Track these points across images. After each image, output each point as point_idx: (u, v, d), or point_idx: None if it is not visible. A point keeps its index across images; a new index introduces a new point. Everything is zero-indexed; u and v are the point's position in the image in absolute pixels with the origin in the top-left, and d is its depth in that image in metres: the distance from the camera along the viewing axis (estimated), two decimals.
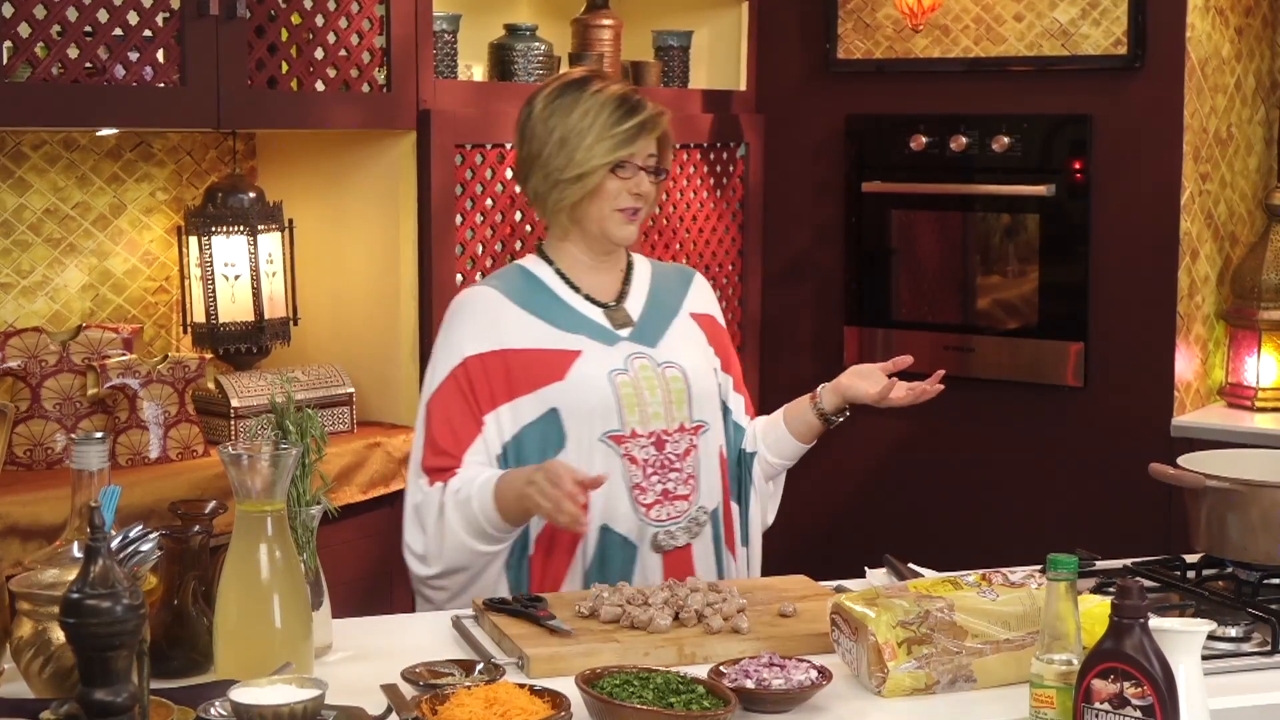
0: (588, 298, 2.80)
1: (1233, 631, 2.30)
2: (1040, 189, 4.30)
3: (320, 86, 3.53)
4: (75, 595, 1.54)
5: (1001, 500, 4.41)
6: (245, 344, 3.66)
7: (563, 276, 2.80)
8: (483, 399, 2.69)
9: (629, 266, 2.88)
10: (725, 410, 2.90)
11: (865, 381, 2.90)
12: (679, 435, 2.75)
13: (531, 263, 2.84)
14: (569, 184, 2.72)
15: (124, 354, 3.41)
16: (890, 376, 2.88)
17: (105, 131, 3.54)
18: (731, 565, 2.86)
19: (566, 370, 2.69)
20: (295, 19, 3.49)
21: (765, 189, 4.74)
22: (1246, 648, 2.28)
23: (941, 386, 2.90)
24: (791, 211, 4.72)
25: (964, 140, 4.40)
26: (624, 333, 2.78)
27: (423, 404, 2.73)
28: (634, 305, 2.83)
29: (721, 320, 2.99)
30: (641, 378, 2.74)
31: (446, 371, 2.70)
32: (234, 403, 3.50)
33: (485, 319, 2.72)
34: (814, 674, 2.07)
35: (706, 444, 2.80)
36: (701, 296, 2.95)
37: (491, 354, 2.70)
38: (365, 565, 3.63)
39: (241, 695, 1.86)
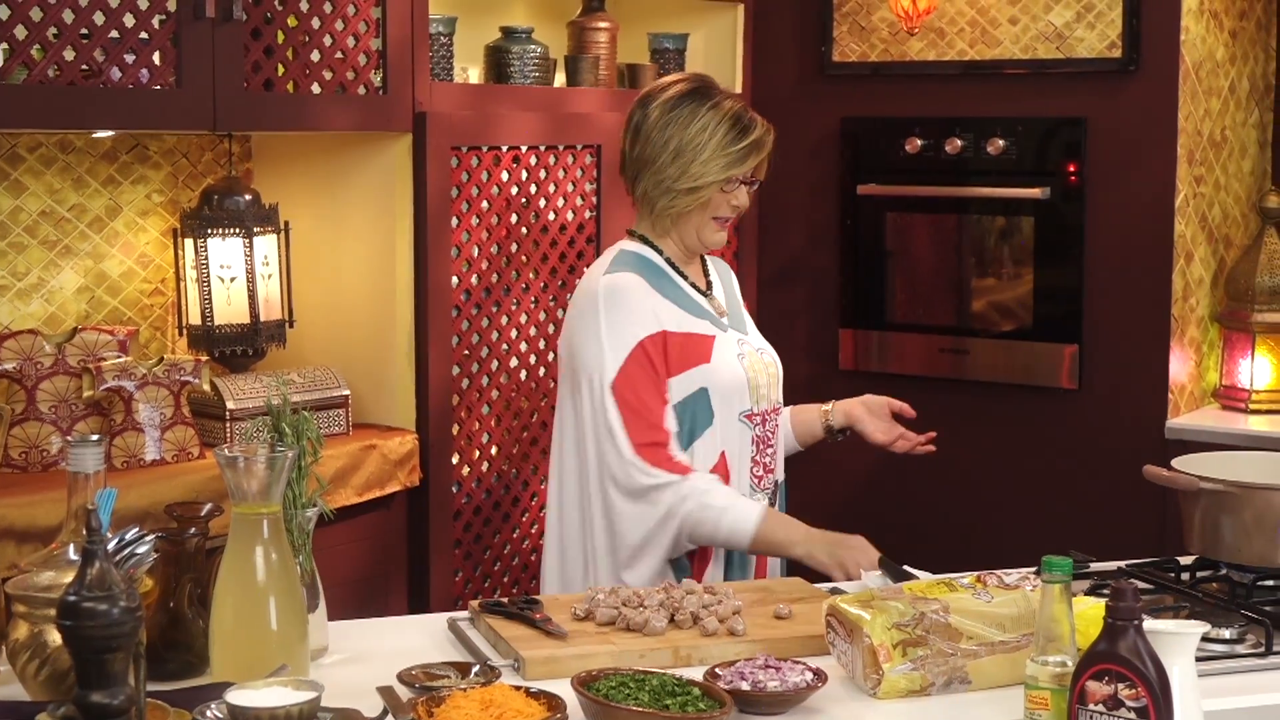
0: (694, 285, 2.98)
1: (1227, 633, 2.31)
2: (1035, 192, 4.31)
3: (316, 89, 3.54)
4: (72, 598, 1.54)
5: (996, 502, 4.42)
6: (241, 346, 3.66)
7: (670, 263, 2.96)
8: (662, 377, 2.84)
9: (702, 257, 3.06)
10: None
11: (875, 421, 3.20)
12: (772, 415, 2.99)
13: (640, 248, 2.96)
14: (681, 194, 2.89)
15: (120, 356, 3.41)
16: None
17: (101, 134, 3.55)
18: (751, 567, 3.00)
19: (710, 353, 2.88)
20: (291, 21, 3.49)
21: (760, 192, 4.73)
22: (1240, 649, 2.28)
23: (933, 449, 3.23)
24: (787, 213, 4.73)
25: (959, 143, 4.41)
26: (725, 320, 2.99)
27: (606, 389, 2.82)
28: (718, 294, 3.04)
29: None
30: (752, 362, 2.96)
31: (626, 353, 2.82)
32: (229, 405, 3.51)
33: (643, 303, 2.85)
34: (809, 676, 2.07)
35: (777, 425, 3.03)
36: (740, 285, 3.18)
37: (657, 335, 2.84)
38: (361, 568, 3.63)
39: (238, 697, 1.87)
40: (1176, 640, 1.91)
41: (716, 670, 2.09)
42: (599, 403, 2.82)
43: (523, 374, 4.02)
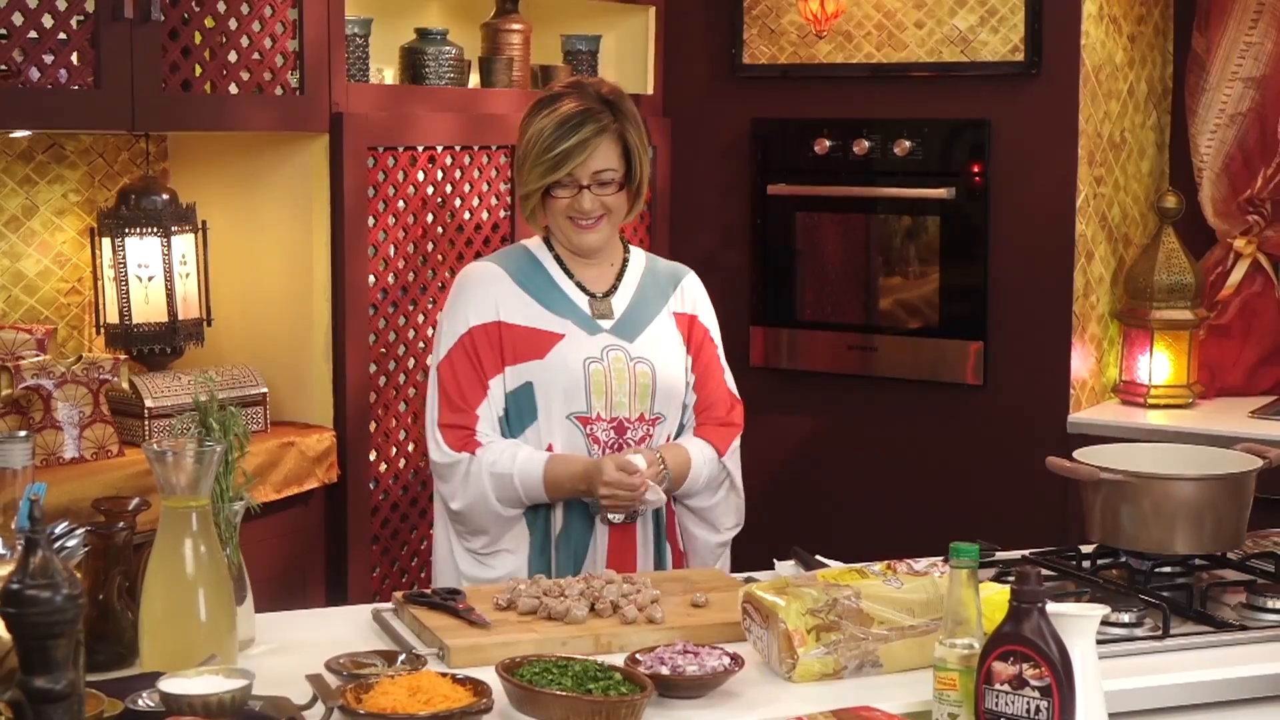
0: (579, 285, 3.02)
1: (1126, 617, 2.39)
2: (941, 192, 4.40)
3: (234, 89, 3.56)
4: (15, 585, 1.58)
5: (904, 495, 4.51)
6: (159, 345, 3.68)
7: (561, 264, 3.03)
8: (488, 365, 2.94)
9: (625, 263, 3.09)
10: (684, 408, 3.08)
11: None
12: (638, 424, 2.98)
13: (535, 246, 3.07)
14: (525, 200, 3.00)
15: (38, 355, 3.42)
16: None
17: (18, 134, 3.55)
18: (669, 557, 3.03)
19: (548, 351, 2.93)
20: (209, 22, 3.51)
21: (672, 191, 4.81)
22: (1139, 633, 2.37)
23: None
24: (698, 213, 4.79)
25: (866, 144, 4.49)
26: (605, 324, 3.00)
27: (433, 370, 2.98)
28: (620, 300, 3.04)
29: (706, 320, 3.14)
30: (613, 368, 2.96)
31: (454, 339, 2.95)
32: (148, 403, 3.52)
33: (486, 292, 2.96)
34: (727, 660, 2.14)
35: (660, 435, 3.02)
36: (687, 297, 3.12)
37: (492, 324, 2.94)
38: (280, 563, 3.66)
39: (170, 685, 1.91)
40: (1078, 622, 1.98)
41: (637, 656, 2.16)
42: (430, 382, 2.98)
43: None
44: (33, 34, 3.17)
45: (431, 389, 2.97)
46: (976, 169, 4.37)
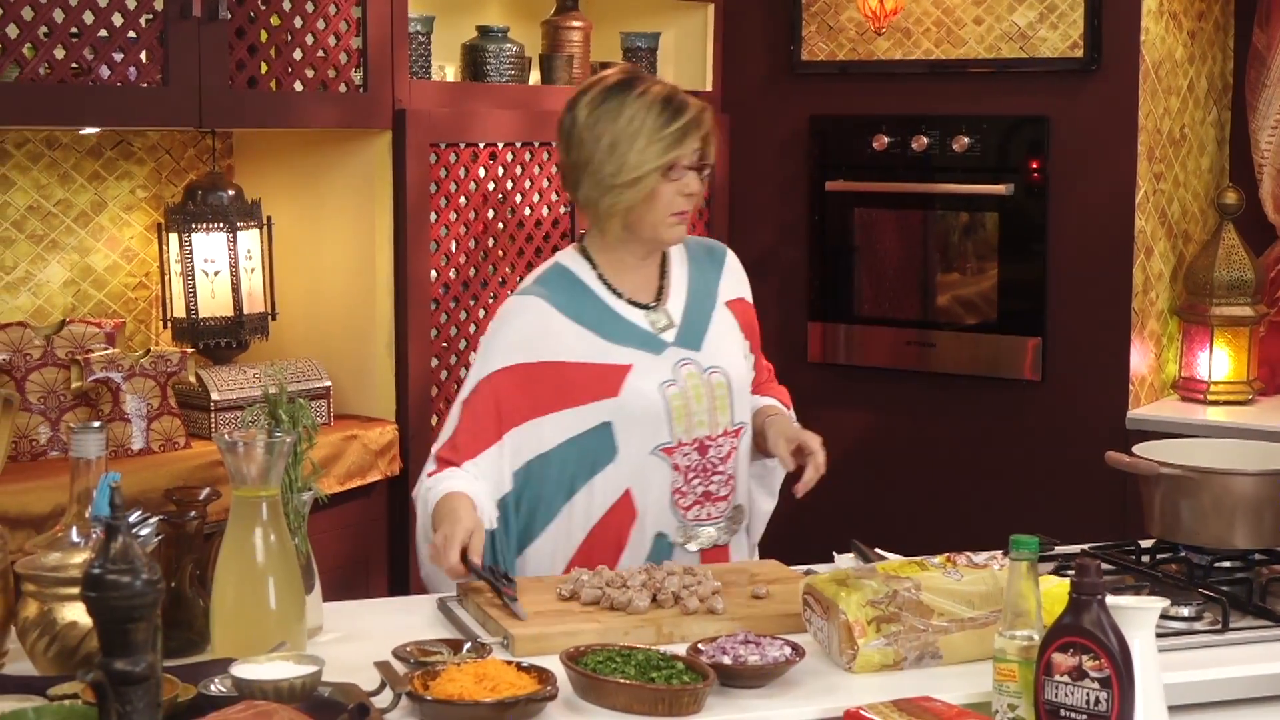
0: (630, 301, 2.81)
1: (1185, 611, 2.40)
2: (999, 188, 4.40)
3: (298, 86, 3.61)
4: (97, 570, 1.62)
5: (963, 490, 4.51)
6: (224, 339, 3.73)
7: (604, 280, 2.81)
8: (508, 414, 2.71)
9: (664, 259, 2.89)
10: None
11: (784, 446, 2.85)
12: (722, 439, 2.81)
13: (572, 261, 2.83)
14: (624, 189, 2.71)
15: (107, 348, 3.47)
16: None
17: (87, 130, 3.61)
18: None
19: (620, 385, 2.72)
20: (274, 20, 3.56)
21: (731, 188, 4.83)
22: (1198, 626, 2.38)
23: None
24: (756, 210, 4.81)
25: (925, 140, 4.50)
26: (668, 336, 2.81)
27: (459, 401, 2.77)
28: (675, 304, 2.85)
29: (750, 298, 3.00)
30: (689, 386, 2.78)
31: (481, 376, 2.74)
32: (214, 396, 3.57)
33: (532, 330, 2.74)
34: (788, 650, 2.16)
35: (743, 446, 2.88)
36: (732, 280, 2.96)
37: (530, 366, 2.72)
38: (343, 554, 3.71)
39: (242, 671, 1.95)
40: (1138, 614, 1.99)
41: (699, 646, 2.18)
42: (451, 412, 2.78)
43: None
44: (103, 33, 3.22)
45: (450, 418, 2.77)
46: (1035, 165, 4.37)
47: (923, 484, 4.58)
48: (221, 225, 3.69)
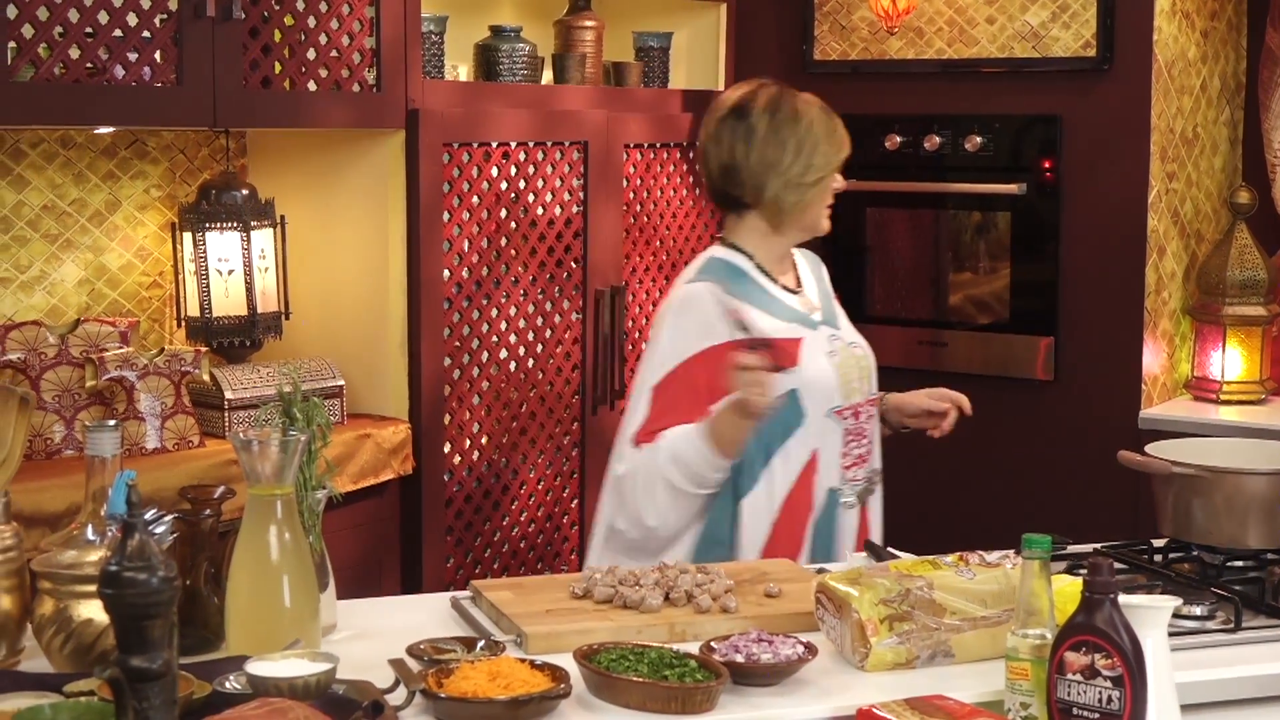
0: (783, 287, 3.08)
1: (1198, 610, 2.40)
2: (1011, 188, 4.41)
3: (312, 86, 3.62)
4: (114, 567, 1.63)
5: (976, 490, 4.51)
6: (238, 338, 3.74)
7: (760, 268, 3.06)
8: (704, 395, 2.87)
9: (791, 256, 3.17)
10: None
11: (924, 397, 3.21)
12: (867, 407, 3.10)
13: (725, 254, 3.07)
14: (809, 187, 3.02)
15: (121, 347, 3.49)
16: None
17: (102, 130, 3.62)
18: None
19: (798, 355, 2.97)
20: (288, 20, 3.57)
21: None
22: (1211, 625, 2.37)
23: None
24: None
25: (937, 140, 4.51)
26: (815, 316, 3.09)
27: (645, 386, 2.94)
28: (809, 291, 3.14)
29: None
30: (844, 358, 3.06)
31: (677, 362, 2.92)
32: (228, 395, 3.59)
33: (712, 314, 2.93)
34: (800, 649, 2.16)
35: (875, 413, 3.16)
36: (827, 276, 3.26)
37: (720, 347, 2.88)
38: (356, 553, 3.72)
39: (257, 668, 1.96)
40: (1150, 613, 1.99)
41: (712, 644, 2.18)
42: (636, 398, 2.95)
43: (512, 365, 4.11)
44: (118, 32, 3.24)
45: (637, 405, 2.93)
46: (1047, 165, 4.37)
47: (934, 483, 4.58)
48: (235, 225, 3.70)
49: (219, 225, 3.69)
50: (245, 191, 3.75)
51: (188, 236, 3.70)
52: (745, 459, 2.92)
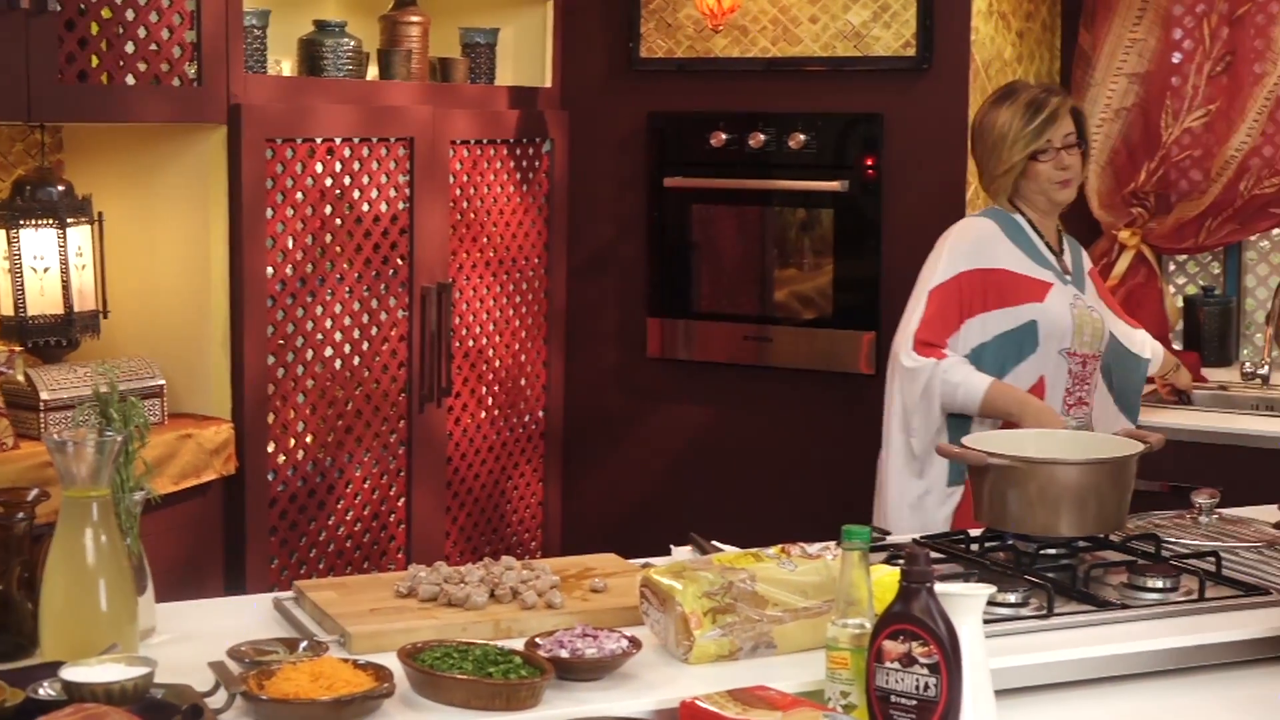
0: (1048, 245, 3.67)
1: (1012, 598, 2.46)
2: (834, 185, 4.47)
3: (131, 80, 3.55)
4: None
5: (799, 481, 4.57)
6: (54, 337, 3.66)
7: (1031, 225, 3.66)
8: (967, 307, 3.54)
9: (1059, 234, 3.75)
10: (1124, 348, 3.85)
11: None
12: (1092, 360, 3.67)
13: (1007, 207, 3.68)
14: (1001, 177, 3.64)
15: None
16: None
17: None
18: None
19: (1045, 295, 3.58)
20: (106, 13, 3.50)
21: (570, 184, 4.84)
22: (1025, 612, 2.43)
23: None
24: (595, 206, 4.83)
25: (762, 137, 4.55)
26: (1067, 277, 3.67)
27: (924, 289, 3.58)
28: (1067, 258, 3.73)
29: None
30: (1082, 312, 3.62)
31: (953, 273, 3.56)
32: (44, 395, 3.51)
33: (987, 242, 3.60)
34: (625, 643, 2.17)
35: (1099, 370, 3.73)
36: (1087, 260, 3.85)
37: (984, 271, 3.56)
38: (178, 555, 3.66)
39: (72, 674, 1.92)
40: (965, 601, 2.03)
41: (536, 640, 2.19)
42: (916, 299, 3.57)
43: (337, 363, 4.07)
44: None
45: (917, 303, 3.56)
46: (869, 162, 4.43)
47: (759, 476, 4.63)
48: (51, 221, 3.62)
49: (34, 222, 3.61)
50: (61, 187, 3.67)
51: (1, 233, 3.61)
52: (981, 370, 3.51)
